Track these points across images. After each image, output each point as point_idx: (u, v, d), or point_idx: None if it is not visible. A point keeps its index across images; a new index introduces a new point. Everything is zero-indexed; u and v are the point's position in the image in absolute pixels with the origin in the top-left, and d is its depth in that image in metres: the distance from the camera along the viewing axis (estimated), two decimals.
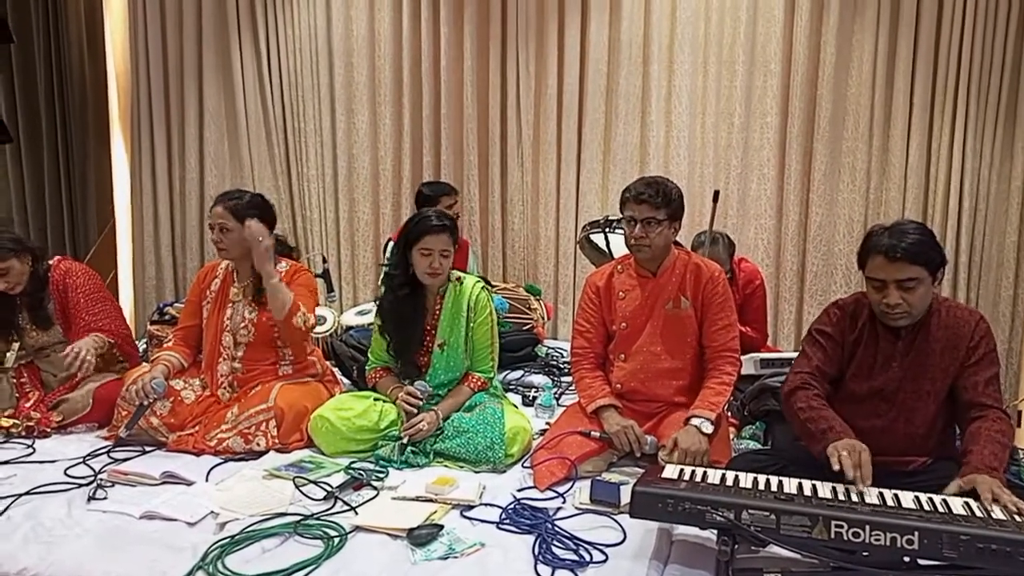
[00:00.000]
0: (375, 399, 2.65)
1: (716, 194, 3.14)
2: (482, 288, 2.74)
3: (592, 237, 3.70)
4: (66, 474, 2.33)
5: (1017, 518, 1.56)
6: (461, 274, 2.78)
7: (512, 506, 2.10)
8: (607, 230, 3.58)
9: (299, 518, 2.00)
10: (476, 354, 2.72)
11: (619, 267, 2.60)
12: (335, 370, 3.19)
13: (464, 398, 2.66)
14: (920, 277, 1.91)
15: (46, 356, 2.91)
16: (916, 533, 1.50)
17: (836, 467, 1.76)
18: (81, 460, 2.43)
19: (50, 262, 2.91)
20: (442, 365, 2.69)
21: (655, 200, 2.38)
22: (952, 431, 2.08)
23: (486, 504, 2.12)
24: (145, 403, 2.54)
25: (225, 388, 2.74)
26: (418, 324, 2.68)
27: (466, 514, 2.06)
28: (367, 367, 2.83)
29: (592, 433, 2.39)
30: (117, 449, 2.54)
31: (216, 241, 2.73)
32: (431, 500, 2.12)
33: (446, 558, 1.82)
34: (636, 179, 2.49)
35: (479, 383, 2.70)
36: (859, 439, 1.98)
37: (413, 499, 2.13)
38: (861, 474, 1.74)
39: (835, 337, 2.10)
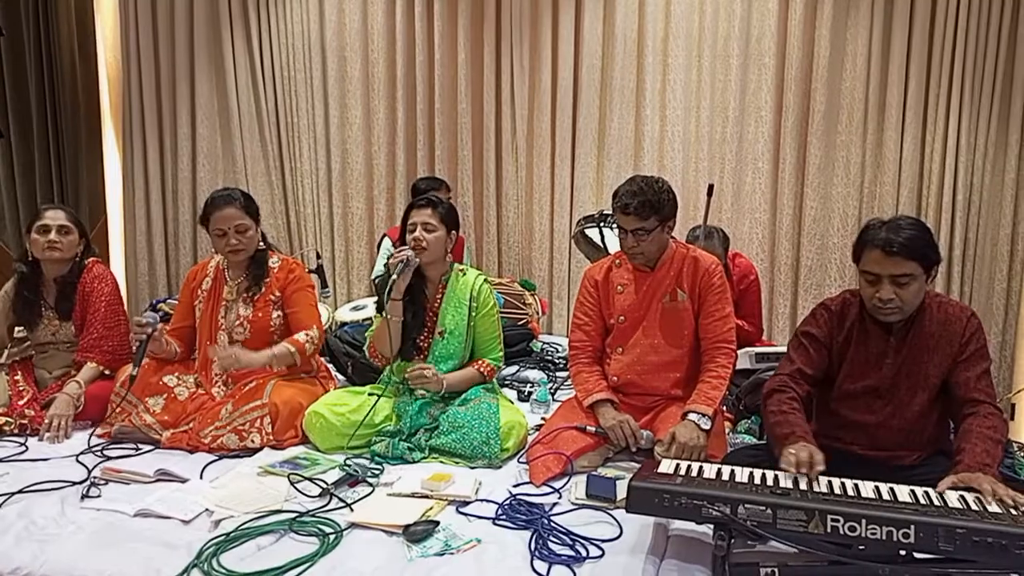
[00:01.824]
0: (369, 394, 2.65)
1: (710, 188, 3.13)
2: (484, 280, 2.75)
3: (587, 232, 3.69)
4: (79, 461, 2.35)
5: (1013, 511, 1.57)
6: (463, 266, 2.80)
7: (508, 502, 2.10)
8: (602, 225, 3.57)
9: (294, 515, 1.99)
10: (484, 345, 2.75)
11: (617, 261, 2.60)
12: (329, 366, 3.17)
13: (470, 377, 2.67)
14: (915, 273, 1.90)
15: (44, 353, 2.91)
16: (912, 527, 1.50)
17: (785, 468, 1.76)
18: (74, 457, 2.42)
19: (86, 261, 2.92)
20: (442, 353, 2.69)
21: (642, 212, 2.35)
22: (946, 425, 2.09)
23: (482, 500, 2.12)
24: (146, 335, 2.54)
25: (219, 386, 2.73)
26: (417, 308, 2.68)
27: (462, 510, 2.06)
28: (367, 334, 2.80)
29: (588, 428, 2.39)
30: (111, 447, 2.53)
31: (235, 245, 2.69)
32: (427, 496, 2.11)
33: (442, 554, 1.82)
34: (625, 182, 2.43)
35: (489, 368, 2.73)
36: (853, 435, 1.99)
37: (409, 495, 2.12)
38: (808, 470, 1.73)
39: (820, 339, 2.10)
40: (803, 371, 2.09)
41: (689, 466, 1.82)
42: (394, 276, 2.55)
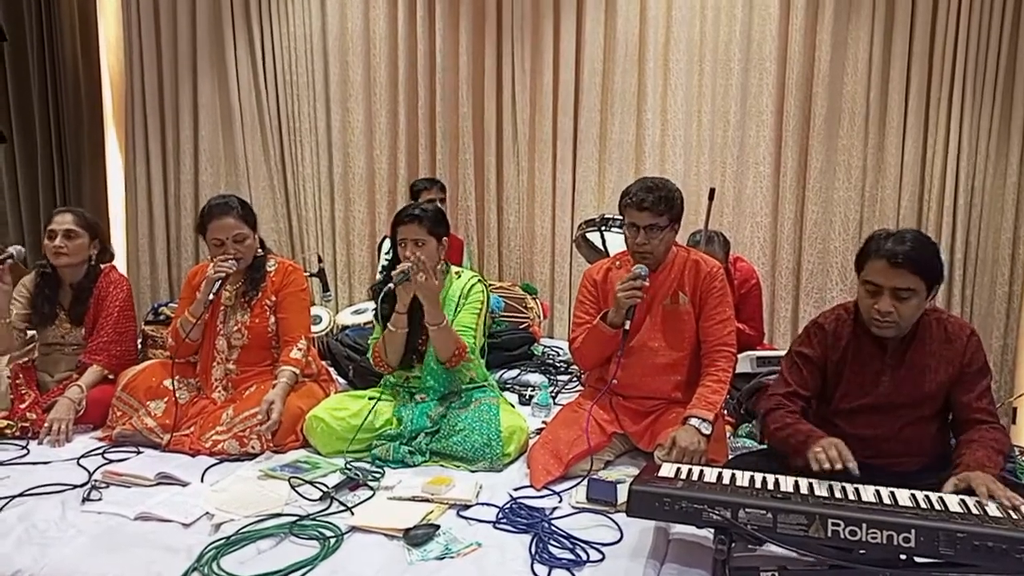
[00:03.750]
0: (370, 398, 2.65)
1: (712, 192, 3.13)
2: (478, 280, 2.75)
3: (588, 235, 3.70)
4: (80, 464, 2.34)
5: (1013, 515, 1.56)
6: (460, 269, 2.80)
7: (509, 505, 2.10)
8: (603, 228, 3.57)
9: (295, 519, 1.99)
10: (458, 328, 2.65)
11: (617, 263, 2.59)
12: (331, 369, 3.17)
13: (454, 338, 2.57)
14: (916, 289, 1.88)
15: (47, 355, 2.91)
16: (913, 531, 1.50)
17: (816, 468, 1.77)
18: (75, 461, 2.42)
19: (102, 266, 2.93)
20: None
21: (658, 207, 2.35)
22: (948, 433, 2.08)
23: (483, 504, 2.12)
24: (224, 273, 2.63)
25: (220, 391, 2.73)
26: (414, 313, 2.67)
27: (463, 514, 2.06)
28: (370, 340, 2.79)
29: (624, 330, 2.35)
30: (112, 450, 2.53)
31: (232, 255, 2.67)
32: (427, 500, 2.11)
33: (443, 558, 1.82)
34: (636, 182, 2.44)
35: (463, 345, 2.60)
36: (853, 445, 1.98)
37: (409, 499, 2.12)
38: (842, 458, 1.76)
39: (814, 360, 2.08)
40: (798, 392, 2.08)
41: (690, 470, 1.82)
42: (391, 285, 2.53)
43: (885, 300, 1.89)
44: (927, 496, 1.66)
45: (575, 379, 3.47)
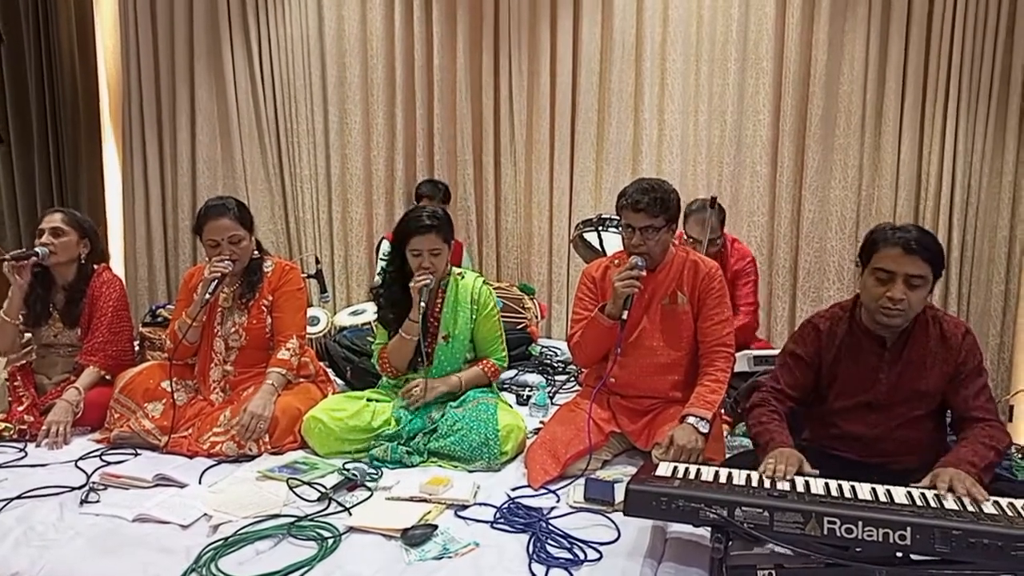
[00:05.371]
0: (368, 399, 2.65)
1: (714, 200, 3.13)
2: (484, 282, 2.77)
3: (585, 236, 3.70)
4: (78, 467, 2.34)
5: (1009, 512, 1.57)
6: (462, 269, 2.81)
7: (506, 505, 2.10)
8: (600, 228, 3.58)
9: (293, 519, 1.99)
10: (487, 345, 2.77)
11: (615, 261, 2.59)
12: (328, 371, 3.17)
13: (475, 376, 2.72)
14: (927, 277, 1.91)
15: (44, 357, 2.90)
16: (908, 528, 1.51)
17: (764, 474, 1.77)
18: (73, 463, 2.42)
19: (95, 267, 2.92)
20: (447, 356, 2.71)
21: (653, 209, 2.35)
22: (944, 431, 2.09)
23: (480, 504, 2.12)
24: (220, 274, 2.63)
25: (218, 392, 2.73)
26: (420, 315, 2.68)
27: (460, 514, 2.06)
28: (373, 345, 2.81)
29: (621, 320, 2.36)
30: (110, 452, 2.53)
31: (229, 255, 2.67)
32: (425, 500, 2.12)
33: (440, 558, 1.82)
34: (632, 183, 2.44)
35: (493, 368, 2.77)
36: (849, 444, 2.00)
37: (407, 499, 2.13)
38: (784, 471, 1.75)
39: (807, 359, 2.10)
40: (786, 392, 2.11)
41: (687, 469, 1.82)
42: (422, 303, 2.54)
43: (898, 287, 1.91)
44: (923, 494, 1.66)
45: (572, 379, 3.47)
